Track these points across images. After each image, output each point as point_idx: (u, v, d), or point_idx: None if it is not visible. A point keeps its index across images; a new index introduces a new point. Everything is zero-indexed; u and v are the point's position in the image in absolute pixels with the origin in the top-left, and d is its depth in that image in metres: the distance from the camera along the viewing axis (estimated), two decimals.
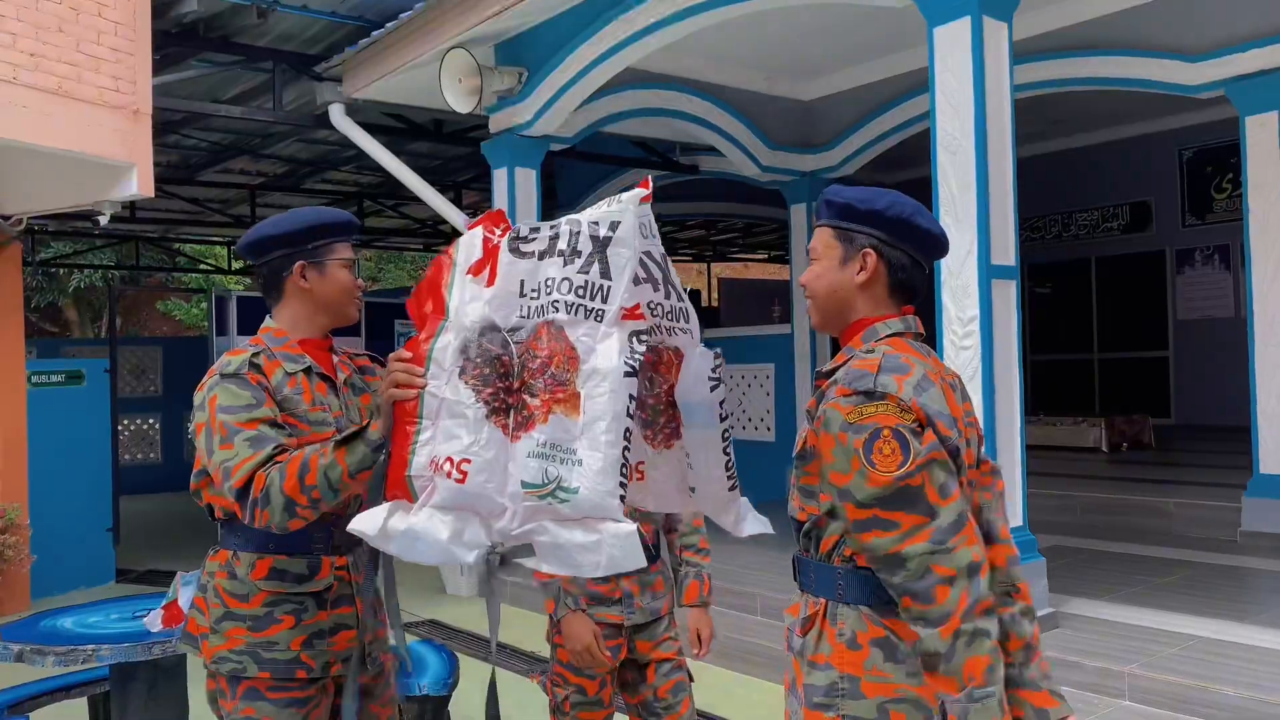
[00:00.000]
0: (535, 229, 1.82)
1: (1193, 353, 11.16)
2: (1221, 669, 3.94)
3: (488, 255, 1.83)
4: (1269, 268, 6.20)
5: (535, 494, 1.72)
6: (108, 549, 7.67)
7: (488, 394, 1.76)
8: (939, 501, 1.58)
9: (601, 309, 1.75)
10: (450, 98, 6.70)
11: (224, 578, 2.21)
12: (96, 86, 5.81)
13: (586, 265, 1.76)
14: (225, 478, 2.02)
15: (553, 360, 1.74)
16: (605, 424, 1.69)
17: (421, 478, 1.78)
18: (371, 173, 11.15)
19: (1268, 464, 6.22)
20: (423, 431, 1.79)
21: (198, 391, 2.18)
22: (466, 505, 1.76)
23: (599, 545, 1.70)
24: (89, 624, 3.59)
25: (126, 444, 13.26)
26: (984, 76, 4.48)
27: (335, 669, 2.22)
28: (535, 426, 1.73)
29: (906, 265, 1.79)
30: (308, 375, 2.23)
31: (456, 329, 1.80)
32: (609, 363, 1.72)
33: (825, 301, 1.82)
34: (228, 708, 2.19)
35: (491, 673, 2.27)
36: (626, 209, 1.78)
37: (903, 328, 1.78)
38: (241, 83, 8.07)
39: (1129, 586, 5.18)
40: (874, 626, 1.66)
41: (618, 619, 2.79)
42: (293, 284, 2.25)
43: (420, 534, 1.76)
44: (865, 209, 1.77)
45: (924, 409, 1.62)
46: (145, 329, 23.13)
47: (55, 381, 7.47)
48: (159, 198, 9.81)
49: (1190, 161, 11.14)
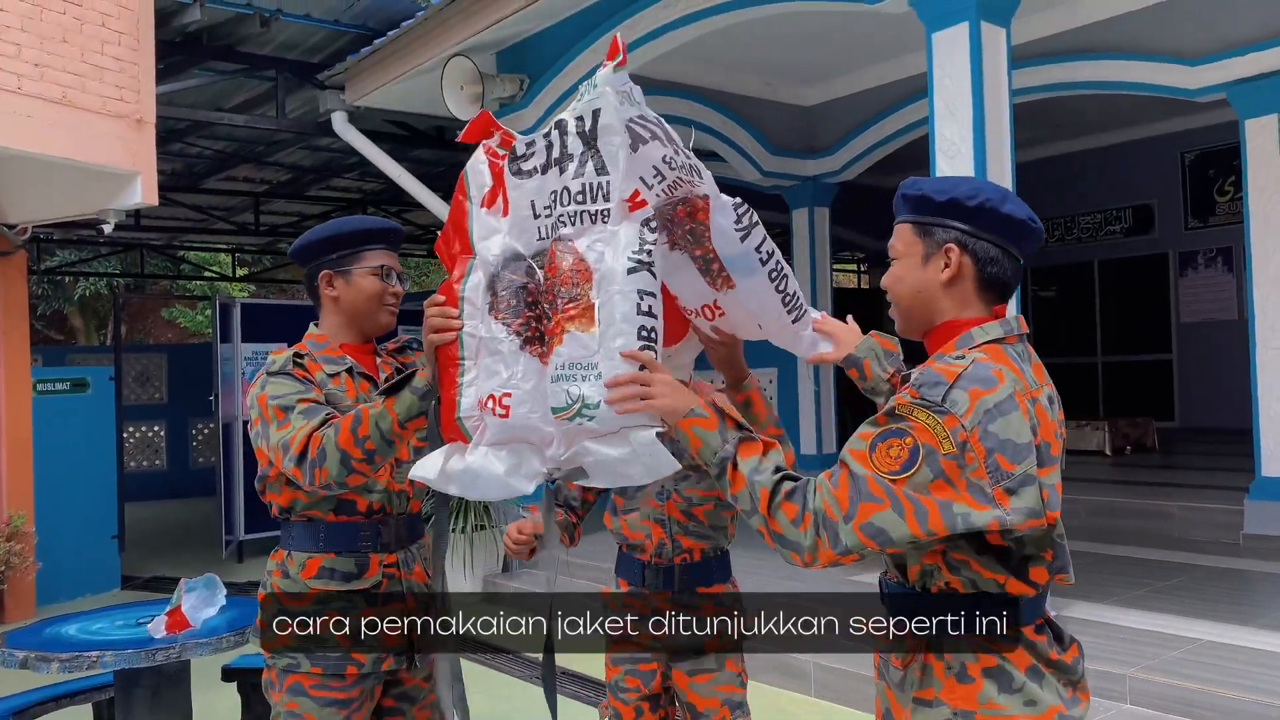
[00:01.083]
0: (530, 144, 1.78)
1: (1196, 355, 11.15)
2: (1224, 672, 3.94)
3: (496, 182, 1.81)
4: (1270, 270, 6.20)
5: (564, 417, 1.69)
6: (113, 556, 7.70)
7: (518, 325, 1.75)
8: (873, 509, 1.48)
9: (605, 208, 1.69)
10: (452, 105, 6.73)
11: (279, 576, 2.29)
12: (100, 96, 5.85)
13: (580, 167, 1.71)
14: (285, 450, 2.09)
15: (563, 279, 1.70)
16: (616, 328, 1.65)
17: (471, 418, 1.78)
18: (374, 179, 11.19)
19: (1270, 467, 6.22)
20: (466, 372, 1.80)
21: (246, 397, 2.26)
22: (517, 438, 1.76)
23: (634, 456, 1.68)
24: (93, 630, 3.61)
25: (131, 451, 13.29)
26: (982, 81, 4.49)
27: (387, 664, 2.28)
28: (554, 350, 1.70)
29: (997, 258, 1.61)
30: (350, 375, 2.31)
31: (483, 265, 1.80)
32: (616, 263, 1.67)
33: (909, 304, 1.67)
34: (275, 699, 2.27)
35: (550, 607, 2.06)
36: (603, 90, 1.69)
37: (1002, 332, 1.60)
38: (245, 91, 8.12)
39: (1132, 590, 5.18)
40: (984, 655, 1.54)
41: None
42: (324, 293, 2.33)
43: (478, 472, 1.77)
44: (944, 199, 1.60)
45: (986, 439, 1.46)
46: (150, 336, 23.19)
47: (60, 389, 7.50)
48: (163, 206, 9.84)
49: (1192, 164, 11.14)
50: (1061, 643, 1.61)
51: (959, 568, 1.57)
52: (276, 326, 9.13)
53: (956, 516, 1.46)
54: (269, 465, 2.26)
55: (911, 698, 1.59)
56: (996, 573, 1.55)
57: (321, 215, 13.27)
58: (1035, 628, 1.58)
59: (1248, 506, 6.31)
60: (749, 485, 1.56)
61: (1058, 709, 1.55)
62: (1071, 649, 1.62)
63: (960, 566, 1.57)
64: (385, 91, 7.22)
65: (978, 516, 1.46)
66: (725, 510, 2.57)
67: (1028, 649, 1.56)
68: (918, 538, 1.47)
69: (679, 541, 2.56)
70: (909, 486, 1.46)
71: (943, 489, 1.46)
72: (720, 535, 2.60)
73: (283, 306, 10.76)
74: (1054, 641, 1.60)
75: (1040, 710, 1.53)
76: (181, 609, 3.49)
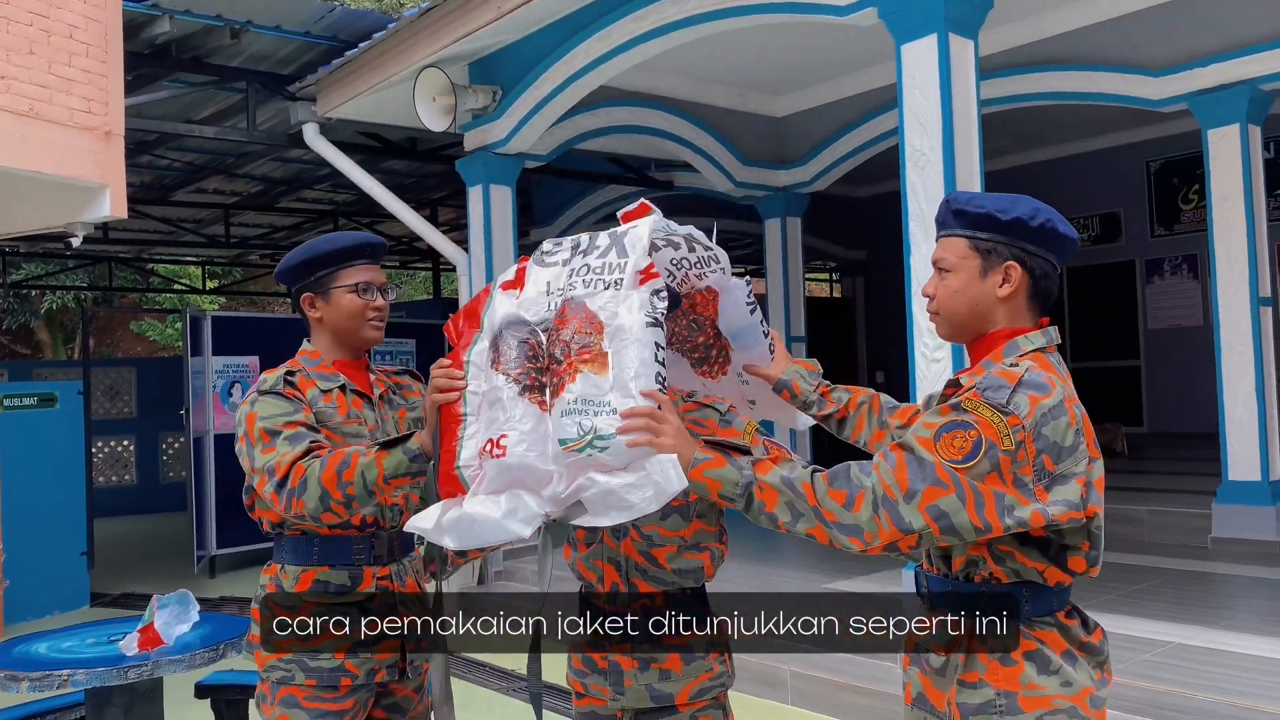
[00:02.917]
0: (558, 243, 1.94)
1: (1163, 361, 11.30)
2: (1193, 674, 3.99)
3: (519, 275, 1.95)
4: (1233, 276, 6.31)
5: (573, 448, 1.74)
6: (82, 573, 7.60)
7: (517, 374, 1.83)
8: (933, 489, 1.58)
9: (619, 278, 1.81)
10: (424, 116, 6.73)
11: (273, 590, 2.30)
12: (68, 108, 5.79)
13: (605, 252, 1.86)
14: (270, 476, 2.10)
15: (576, 329, 1.80)
16: (633, 371, 1.74)
17: (470, 466, 1.84)
18: (346, 191, 11.15)
19: (1236, 470, 6.32)
20: (468, 427, 1.86)
21: (239, 410, 2.27)
22: (515, 480, 1.80)
23: (646, 478, 1.72)
24: (63, 649, 3.56)
25: (101, 466, 13.13)
26: (951, 92, 4.55)
27: (380, 676, 2.30)
28: (565, 388, 1.77)
29: (1049, 273, 1.76)
30: (343, 391, 2.33)
31: (489, 332, 1.90)
32: (631, 318, 1.77)
33: (965, 316, 1.77)
34: (267, 712, 2.28)
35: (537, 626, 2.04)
36: (641, 226, 1.88)
37: (1045, 342, 1.74)
38: (215, 103, 8.07)
39: (1101, 594, 5.24)
40: (1024, 640, 1.67)
41: (600, 701, 2.17)
42: (309, 313, 2.36)
43: (475, 518, 1.80)
44: (1009, 219, 1.71)
45: (1038, 441, 1.59)
46: (119, 350, 22.94)
47: (28, 405, 7.41)
48: (132, 218, 9.76)
49: (1157, 173, 11.31)
50: (1088, 627, 1.75)
51: (1004, 558, 1.69)
52: (248, 339, 9.08)
53: (1006, 509, 1.58)
54: None
55: (956, 680, 1.69)
56: (1037, 562, 1.67)
57: (293, 227, 13.21)
58: (1067, 613, 1.72)
59: (1215, 510, 6.41)
60: (785, 490, 1.65)
61: (1089, 690, 1.68)
62: (1096, 632, 1.75)
63: (1005, 557, 1.69)
64: (357, 103, 7.21)
65: (1022, 510, 1.59)
66: (691, 552, 2.14)
67: (1062, 633, 1.69)
68: (976, 526, 1.59)
69: (635, 585, 2.12)
70: (969, 475, 1.58)
71: (995, 481, 1.58)
72: (688, 579, 2.14)
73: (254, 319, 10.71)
74: (1082, 626, 1.73)
75: (1075, 691, 1.66)
76: (154, 625, 3.46)
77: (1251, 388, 6.23)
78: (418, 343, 10.02)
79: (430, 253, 13.50)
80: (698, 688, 2.14)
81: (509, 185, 7.20)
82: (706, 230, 2.01)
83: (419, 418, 2.48)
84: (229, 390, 8.79)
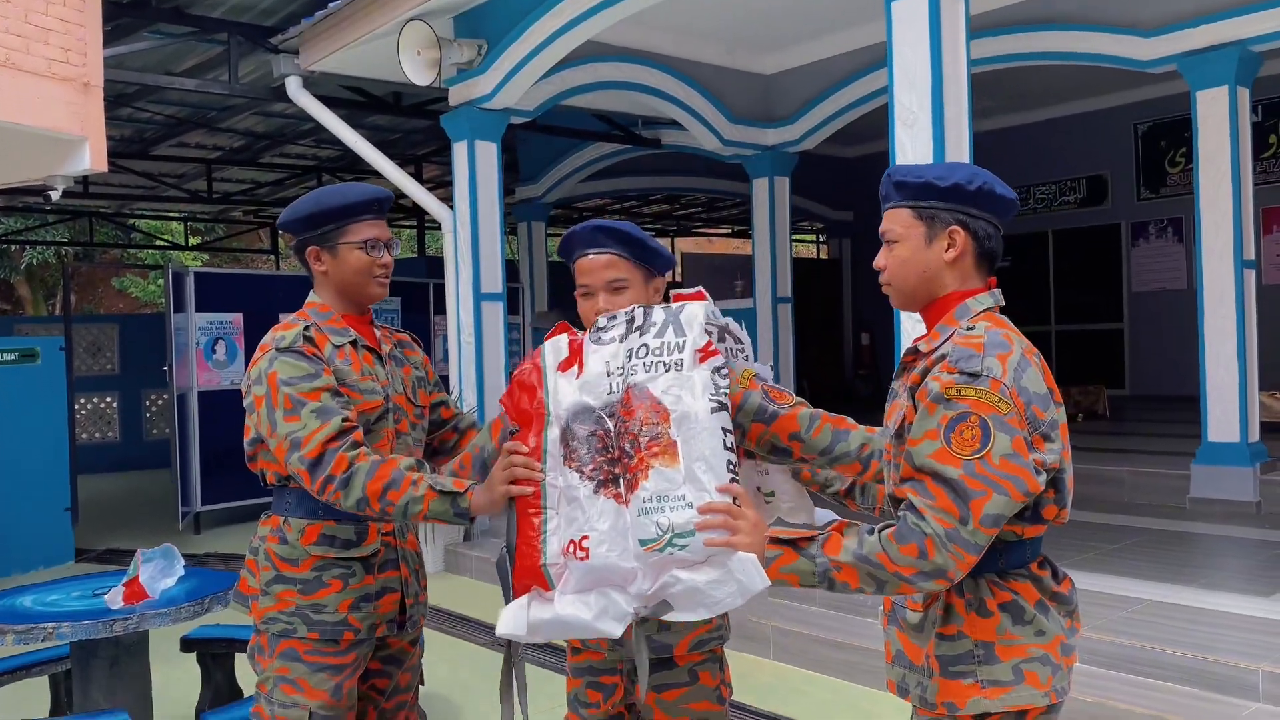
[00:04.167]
0: (612, 317, 1.98)
1: (1146, 324, 11.38)
2: (1167, 630, 4.06)
3: (574, 353, 1.98)
4: (1219, 240, 6.33)
5: (654, 548, 1.78)
6: (66, 529, 7.59)
7: (590, 470, 1.87)
8: (977, 502, 1.60)
9: (679, 359, 1.86)
10: (409, 70, 6.64)
11: (275, 542, 2.28)
12: (45, 58, 5.69)
13: (661, 330, 1.90)
14: (293, 449, 2.11)
15: (643, 420, 1.83)
16: (704, 464, 1.78)
17: (556, 565, 1.88)
18: (330, 146, 11.03)
19: (1215, 432, 6.38)
20: (549, 521, 1.90)
21: (251, 367, 2.24)
22: (600, 580, 1.84)
23: (728, 575, 1.76)
24: (48, 602, 3.56)
25: (84, 423, 13.07)
26: (941, 51, 4.51)
27: (380, 630, 2.31)
28: (639, 485, 1.81)
29: (992, 234, 1.81)
30: (354, 347, 2.31)
31: (556, 419, 1.93)
32: (696, 403, 1.82)
33: (915, 283, 1.81)
34: (264, 664, 2.28)
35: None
36: (694, 305, 1.95)
37: (992, 302, 1.80)
38: (196, 55, 7.94)
39: (1081, 553, 5.30)
40: (1000, 592, 1.72)
41: (598, 655, 2.26)
42: (314, 266, 2.33)
43: (568, 621, 1.86)
44: (947, 185, 1.76)
45: (1023, 394, 1.65)
46: (101, 306, 22.76)
47: (9, 360, 7.35)
48: (113, 172, 9.65)
49: (1145, 135, 11.31)
50: (1057, 577, 1.80)
51: None
52: (231, 296, 9.01)
53: (1034, 469, 1.63)
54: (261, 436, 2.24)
55: (935, 633, 1.74)
56: (1013, 525, 1.70)
57: (276, 183, 13.08)
58: (1039, 564, 1.77)
59: (1194, 471, 6.48)
60: (862, 565, 1.66)
61: (1060, 638, 1.74)
62: (1065, 582, 1.81)
63: None
64: (341, 56, 7.10)
65: (1040, 456, 1.64)
66: None
67: (1035, 584, 1.75)
68: (1023, 504, 1.63)
69: None
70: (995, 460, 1.60)
71: (1020, 444, 1.62)
72: None
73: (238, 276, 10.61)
74: (1053, 576, 1.79)
75: (1048, 640, 1.73)
76: (139, 579, 3.46)
77: (1233, 350, 6.28)
78: (403, 301, 9.98)
79: (415, 210, 13.40)
80: (696, 640, 2.22)
81: (494, 141, 7.13)
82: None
83: (422, 377, 2.49)
84: (212, 347, 8.74)
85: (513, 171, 11.11)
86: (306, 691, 2.22)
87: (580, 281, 2.16)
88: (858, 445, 2.05)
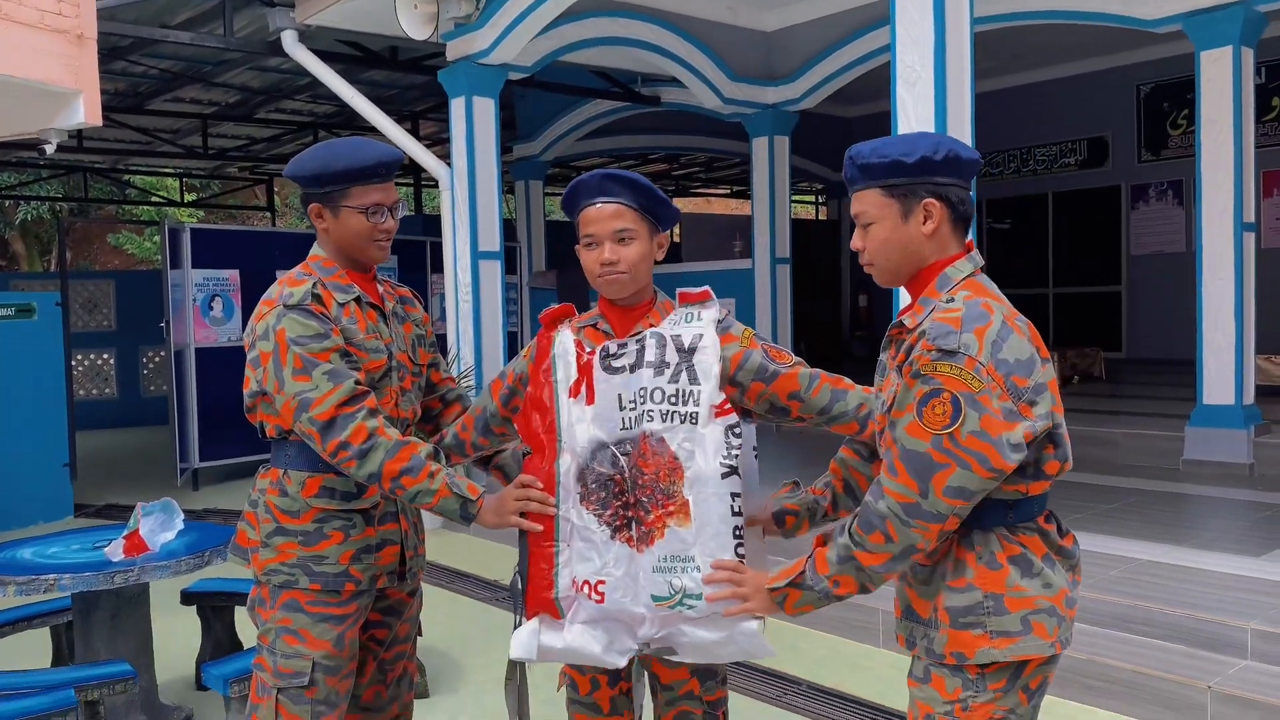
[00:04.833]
0: (623, 345, 2.02)
1: (1145, 287, 11.37)
2: (1158, 589, 4.10)
3: (582, 374, 2.01)
4: (1219, 203, 6.30)
5: (665, 606, 1.92)
6: (65, 484, 7.62)
7: (608, 516, 1.96)
8: (939, 475, 1.65)
9: (695, 411, 1.93)
10: (406, 23, 6.57)
11: (275, 494, 2.29)
12: (38, 9, 5.61)
13: (675, 375, 1.95)
14: (303, 408, 2.13)
15: (659, 475, 1.93)
16: (713, 529, 1.89)
17: (568, 597, 1.98)
18: (326, 102, 10.93)
19: (1211, 395, 6.40)
20: (560, 554, 1.99)
21: (257, 321, 2.24)
22: (610, 618, 1.97)
23: (731, 639, 1.93)
24: (49, 554, 3.59)
25: (81, 380, 13.07)
26: (944, 8, 4.46)
27: (381, 582, 2.33)
28: (654, 542, 1.92)
29: (964, 198, 1.81)
30: (358, 304, 2.31)
31: (570, 451, 1.99)
32: (708, 465, 1.91)
33: (898, 261, 1.82)
34: (265, 615, 2.29)
35: None
36: (707, 324, 2.00)
37: (971, 268, 1.80)
38: (190, 7, 7.84)
39: (1076, 514, 5.34)
40: (1009, 545, 1.76)
41: None
42: (316, 222, 2.32)
43: (577, 650, 1.99)
44: (915, 161, 1.76)
45: (1001, 367, 1.66)
46: (96, 262, 22.66)
47: (5, 315, 7.33)
48: (107, 127, 9.55)
49: (1147, 97, 11.22)
50: (1061, 531, 1.85)
51: None
52: (227, 253, 8.98)
53: (1007, 447, 1.65)
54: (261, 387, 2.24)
55: (944, 586, 1.78)
56: (1018, 484, 1.75)
57: (272, 139, 12.97)
58: (1045, 518, 1.82)
59: (1188, 433, 6.51)
60: (846, 568, 1.75)
61: (1065, 591, 1.80)
62: (1068, 536, 1.85)
63: None
64: (337, 9, 7.02)
65: (1014, 436, 1.66)
66: None
67: (1043, 538, 1.80)
68: (992, 479, 1.67)
69: None
70: (964, 436, 1.64)
71: (991, 423, 1.65)
72: None
73: (234, 232, 10.58)
74: (1058, 530, 1.84)
75: (1054, 592, 1.77)
76: (139, 532, 3.49)
77: (1231, 312, 6.28)
78: (400, 259, 9.95)
79: (412, 167, 13.30)
80: None
81: (492, 97, 7.07)
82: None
83: (421, 335, 2.49)
84: (209, 304, 8.72)
85: (510, 129, 11.02)
86: (309, 642, 2.24)
87: (585, 232, 2.11)
88: (855, 405, 2.09)
